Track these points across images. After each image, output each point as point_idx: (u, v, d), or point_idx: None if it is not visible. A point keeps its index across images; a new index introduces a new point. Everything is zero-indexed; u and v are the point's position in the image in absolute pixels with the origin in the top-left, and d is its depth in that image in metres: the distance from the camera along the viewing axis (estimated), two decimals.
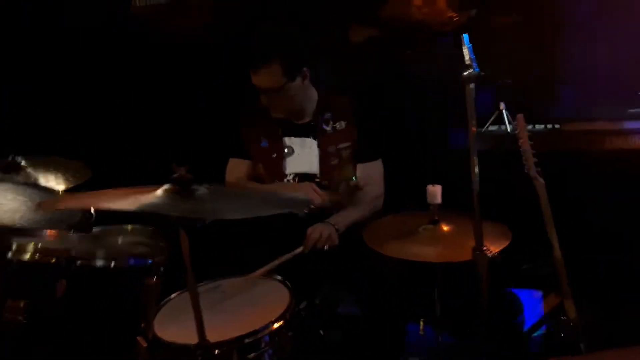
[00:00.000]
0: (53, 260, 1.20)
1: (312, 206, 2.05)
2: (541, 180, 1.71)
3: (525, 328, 2.43)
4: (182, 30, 2.88)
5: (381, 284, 1.92)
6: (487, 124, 2.38)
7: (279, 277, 1.80)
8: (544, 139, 2.21)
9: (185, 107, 2.95)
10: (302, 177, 2.28)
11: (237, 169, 2.36)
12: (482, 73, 1.26)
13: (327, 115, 2.29)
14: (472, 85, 1.27)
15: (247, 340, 1.53)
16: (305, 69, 2.19)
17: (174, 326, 1.53)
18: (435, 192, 1.63)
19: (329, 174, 2.25)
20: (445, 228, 1.67)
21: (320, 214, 2.15)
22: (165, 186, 1.13)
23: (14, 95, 2.86)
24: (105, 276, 1.26)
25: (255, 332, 1.55)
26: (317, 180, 2.25)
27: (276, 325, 1.58)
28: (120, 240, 1.38)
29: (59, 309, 1.22)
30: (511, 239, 1.57)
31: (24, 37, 2.89)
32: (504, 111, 2.32)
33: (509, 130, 2.28)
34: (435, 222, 1.66)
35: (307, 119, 2.30)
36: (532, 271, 1.80)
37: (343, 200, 2.21)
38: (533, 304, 2.49)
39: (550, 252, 1.69)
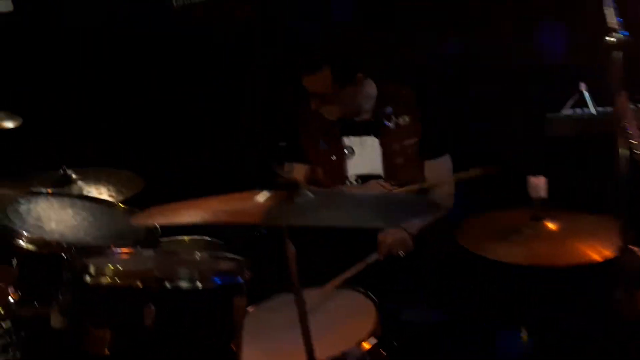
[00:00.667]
0: (139, 284, 1.07)
1: None
2: None
3: None
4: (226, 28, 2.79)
5: (475, 289, 1.77)
6: (565, 107, 2.18)
7: (361, 289, 1.66)
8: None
9: (236, 111, 2.86)
10: (365, 179, 2.16)
11: (295, 173, 2.23)
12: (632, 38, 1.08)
13: (388, 110, 2.14)
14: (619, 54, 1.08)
15: None
16: (359, 74, 2.05)
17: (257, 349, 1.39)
18: (539, 184, 1.46)
19: (394, 174, 2.10)
20: (551, 226, 1.46)
21: None
22: (266, 192, 0.99)
23: (58, 106, 2.79)
24: (190, 298, 1.12)
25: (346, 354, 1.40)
26: (382, 181, 2.12)
27: (366, 344, 1.44)
28: (197, 256, 1.24)
29: (146, 338, 1.08)
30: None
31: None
32: (585, 92, 2.14)
33: (593, 112, 2.09)
34: (539, 219, 1.47)
35: (366, 116, 2.16)
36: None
37: None
38: None
39: None
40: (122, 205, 1.76)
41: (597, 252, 1.36)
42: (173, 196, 1.16)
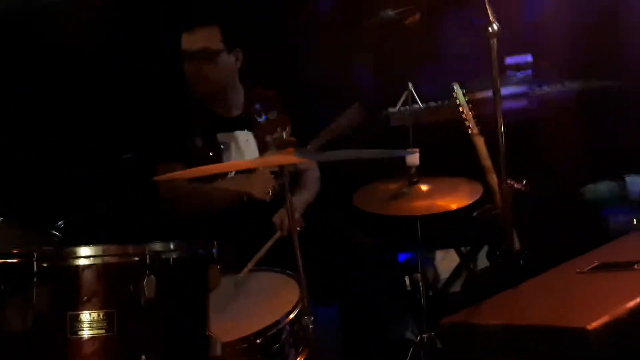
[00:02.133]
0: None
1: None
2: (481, 136, 2.04)
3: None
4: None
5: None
6: (399, 104, 2.69)
7: (278, 269, 1.81)
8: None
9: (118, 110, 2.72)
10: (243, 170, 2.29)
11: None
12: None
13: (257, 106, 2.34)
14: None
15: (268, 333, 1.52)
16: (239, 49, 2.20)
17: None
18: (414, 156, 1.84)
19: None
20: (423, 187, 1.90)
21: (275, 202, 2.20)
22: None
23: None
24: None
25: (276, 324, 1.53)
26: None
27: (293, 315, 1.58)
28: None
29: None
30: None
31: None
32: (412, 90, 2.66)
33: (421, 106, 2.64)
34: (415, 183, 1.89)
35: (236, 112, 2.31)
36: (482, 216, 2.12)
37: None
38: None
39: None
40: None
41: (455, 203, 1.86)
42: None
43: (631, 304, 1.05)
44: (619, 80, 2.53)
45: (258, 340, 1.49)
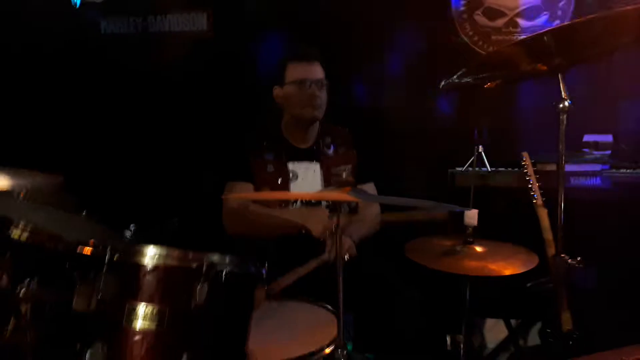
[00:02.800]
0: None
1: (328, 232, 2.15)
2: (545, 208, 2.03)
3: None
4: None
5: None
6: (467, 164, 2.73)
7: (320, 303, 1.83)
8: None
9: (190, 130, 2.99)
10: (308, 200, 2.39)
11: (241, 192, 2.37)
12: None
13: (328, 139, 2.47)
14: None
15: None
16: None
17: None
18: (472, 215, 1.86)
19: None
20: (478, 249, 1.87)
21: None
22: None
23: None
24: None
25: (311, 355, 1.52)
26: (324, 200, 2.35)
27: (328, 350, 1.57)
28: None
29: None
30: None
31: None
32: (482, 153, 2.70)
33: (488, 169, 2.66)
34: (470, 243, 1.87)
35: (308, 144, 2.45)
36: (536, 288, 2.08)
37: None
38: None
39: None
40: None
41: (508, 269, 1.80)
42: None
43: None
44: None
45: None
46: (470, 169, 2.74)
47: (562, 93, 1.54)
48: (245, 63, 3.12)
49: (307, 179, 2.39)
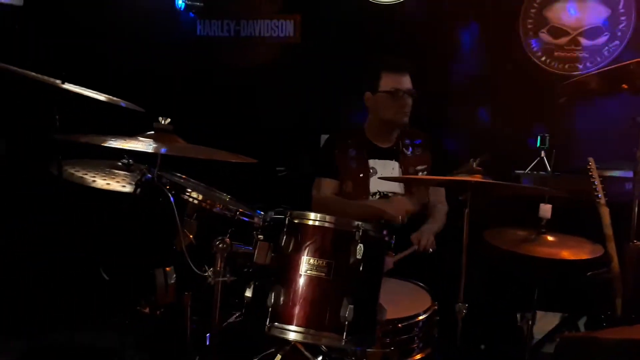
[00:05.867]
0: None
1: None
2: (607, 207, 2.33)
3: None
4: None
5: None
6: (529, 167, 3.03)
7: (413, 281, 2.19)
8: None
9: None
10: (384, 195, 2.70)
11: (327, 187, 2.71)
12: None
13: (408, 141, 2.78)
14: None
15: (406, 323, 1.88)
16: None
17: None
18: (546, 209, 2.17)
19: (409, 191, 2.71)
20: (550, 238, 2.19)
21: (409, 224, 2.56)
22: None
23: None
24: None
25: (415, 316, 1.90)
26: (400, 196, 2.66)
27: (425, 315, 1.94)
28: None
29: None
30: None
31: None
32: (544, 158, 3.00)
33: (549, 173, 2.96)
34: (543, 233, 2.19)
35: (389, 144, 2.76)
36: (596, 276, 2.37)
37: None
38: None
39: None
40: None
41: (574, 255, 2.13)
42: None
43: None
44: None
45: (400, 325, 1.86)
46: (534, 172, 3.07)
47: None
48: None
49: (385, 174, 2.69)
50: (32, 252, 2.97)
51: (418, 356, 1.92)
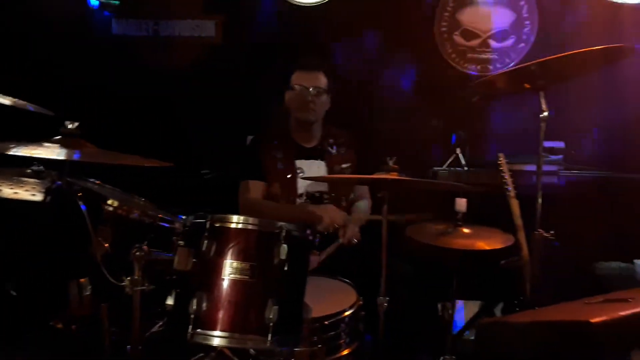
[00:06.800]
0: None
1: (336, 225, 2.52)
2: (516, 199, 2.48)
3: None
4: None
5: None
6: (446, 163, 3.16)
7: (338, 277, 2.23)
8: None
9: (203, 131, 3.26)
10: (312, 195, 2.73)
11: (255, 189, 2.69)
12: None
13: (331, 140, 2.83)
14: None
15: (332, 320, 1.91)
16: (331, 94, 2.74)
17: None
18: (462, 203, 2.27)
19: (335, 190, 2.75)
20: (465, 230, 2.30)
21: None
22: None
23: None
24: None
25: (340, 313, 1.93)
26: (326, 195, 2.71)
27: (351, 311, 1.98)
28: None
29: None
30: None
31: None
32: (459, 154, 3.14)
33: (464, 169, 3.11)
34: (459, 226, 2.29)
35: (313, 144, 2.80)
36: (508, 265, 2.52)
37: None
38: None
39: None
40: None
41: (488, 245, 2.24)
42: None
43: (624, 312, 1.43)
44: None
45: (326, 322, 1.88)
46: (451, 168, 3.21)
47: (543, 106, 1.99)
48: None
49: (312, 174, 2.71)
50: None
51: (345, 351, 1.96)
